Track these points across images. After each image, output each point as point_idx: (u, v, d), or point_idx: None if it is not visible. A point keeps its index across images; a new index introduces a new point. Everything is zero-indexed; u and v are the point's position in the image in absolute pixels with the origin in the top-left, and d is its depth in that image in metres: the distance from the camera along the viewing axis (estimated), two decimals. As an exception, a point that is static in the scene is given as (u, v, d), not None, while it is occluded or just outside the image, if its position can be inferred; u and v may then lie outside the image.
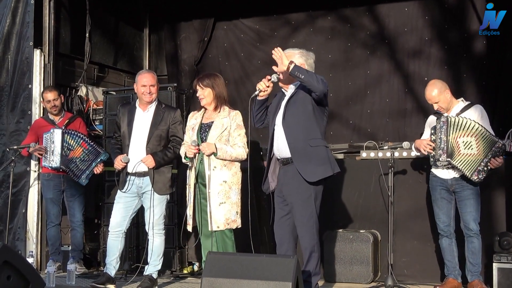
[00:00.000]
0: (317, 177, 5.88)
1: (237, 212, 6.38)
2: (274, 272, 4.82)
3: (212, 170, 6.32)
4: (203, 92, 6.47)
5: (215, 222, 6.30)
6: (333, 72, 9.49)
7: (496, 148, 6.44)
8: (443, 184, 6.66)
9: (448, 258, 6.72)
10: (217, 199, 6.31)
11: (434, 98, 6.61)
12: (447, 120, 6.51)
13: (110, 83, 9.85)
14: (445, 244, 6.71)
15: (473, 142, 6.42)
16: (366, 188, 7.64)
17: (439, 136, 6.53)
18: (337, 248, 7.34)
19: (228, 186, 6.34)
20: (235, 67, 10.02)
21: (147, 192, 6.73)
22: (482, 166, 6.42)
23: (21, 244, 8.15)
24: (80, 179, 7.86)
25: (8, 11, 8.36)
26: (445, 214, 6.68)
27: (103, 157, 7.88)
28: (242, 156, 6.38)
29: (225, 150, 6.31)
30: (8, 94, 8.39)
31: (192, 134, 6.49)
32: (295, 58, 5.98)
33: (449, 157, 6.47)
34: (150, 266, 6.82)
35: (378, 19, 9.31)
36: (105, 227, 8.34)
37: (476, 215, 6.54)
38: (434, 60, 8.94)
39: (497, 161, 6.46)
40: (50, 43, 8.47)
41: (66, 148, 7.81)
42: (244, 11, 10.03)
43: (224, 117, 6.43)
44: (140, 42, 10.73)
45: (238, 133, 6.42)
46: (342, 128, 9.42)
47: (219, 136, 6.37)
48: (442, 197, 6.67)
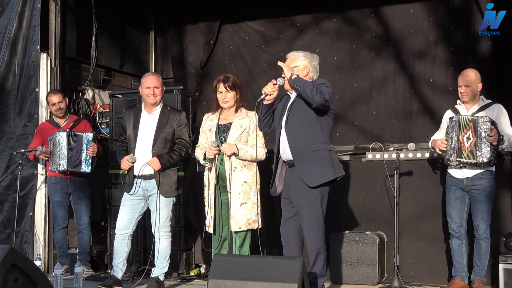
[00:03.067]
0: (317, 182, 5.90)
1: (258, 212, 6.42)
2: (280, 274, 4.82)
3: (232, 170, 6.35)
4: (228, 94, 6.50)
5: (237, 222, 6.35)
6: (338, 74, 9.49)
7: (481, 123, 6.39)
8: (458, 184, 6.65)
9: (457, 259, 6.72)
10: (238, 199, 6.35)
11: (470, 81, 6.60)
12: (458, 120, 6.52)
13: (116, 86, 9.88)
14: (455, 245, 6.71)
15: (470, 134, 6.44)
16: (372, 189, 7.64)
17: (450, 136, 6.54)
18: (343, 249, 7.35)
19: (248, 186, 6.39)
20: (240, 69, 10.03)
21: (153, 195, 6.74)
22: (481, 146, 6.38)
23: (28, 247, 8.18)
24: (81, 169, 7.87)
25: (15, 15, 8.39)
26: (457, 215, 6.67)
27: (88, 137, 7.89)
28: (262, 156, 6.42)
29: (246, 150, 6.35)
30: (15, 98, 8.41)
31: (210, 136, 6.52)
32: (299, 61, 6.05)
33: (458, 157, 6.48)
34: (157, 269, 6.83)
35: (383, 21, 9.32)
36: (112, 230, 8.36)
37: (487, 219, 6.57)
38: (439, 61, 8.93)
39: (491, 134, 6.35)
40: (56, 47, 8.51)
41: (71, 150, 7.83)
42: (250, 14, 10.04)
43: (242, 118, 6.47)
44: (146, 45, 10.75)
45: (257, 134, 6.45)
46: (347, 129, 9.42)
47: (238, 136, 6.41)
48: (456, 197, 6.66)
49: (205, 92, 10.22)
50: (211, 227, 6.48)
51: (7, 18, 8.48)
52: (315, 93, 5.75)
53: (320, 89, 5.81)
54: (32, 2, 8.34)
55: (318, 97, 5.76)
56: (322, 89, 5.83)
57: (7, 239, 8.14)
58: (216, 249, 6.50)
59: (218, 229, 6.48)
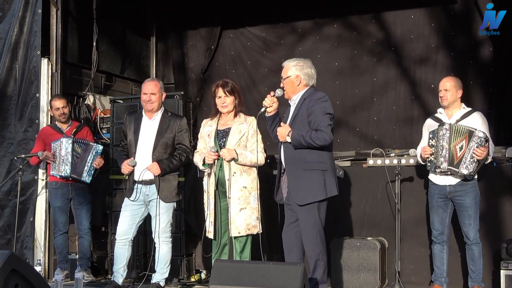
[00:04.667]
0: (305, 201, 5.90)
1: (257, 217, 6.41)
2: (281, 280, 4.81)
3: (232, 175, 6.34)
4: (226, 99, 6.50)
5: (236, 228, 6.33)
6: (339, 80, 9.50)
7: (476, 138, 6.44)
8: (440, 191, 6.70)
9: (437, 265, 6.78)
10: (238, 204, 6.34)
11: (449, 86, 6.68)
12: (450, 128, 6.54)
13: (117, 92, 9.89)
14: (436, 250, 6.79)
15: (463, 144, 6.47)
16: (373, 195, 7.62)
17: (441, 144, 6.57)
18: (344, 255, 7.33)
19: (248, 191, 6.38)
20: (241, 75, 10.04)
21: (153, 200, 6.74)
22: (467, 158, 6.43)
23: (29, 253, 8.16)
24: (82, 177, 7.87)
25: (16, 20, 8.39)
26: (439, 222, 6.75)
27: (97, 149, 7.91)
28: (261, 161, 6.39)
29: (245, 155, 6.35)
30: (16, 103, 8.41)
31: (209, 141, 6.52)
32: (290, 71, 6.07)
33: (450, 165, 6.52)
34: (157, 274, 6.83)
35: (385, 27, 9.32)
36: (113, 235, 8.34)
37: (474, 224, 6.60)
38: (440, 67, 8.94)
39: (480, 150, 6.42)
40: (57, 52, 8.51)
41: (75, 157, 7.82)
42: (251, 19, 10.06)
43: (241, 123, 6.47)
44: (147, 51, 10.77)
45: (256, 139, 6.45)
46: (349, 135, 9.43)
47: (237, 142, 6.40)
48: (438, 206, 6.74)
49: (206, 98, 10.23)
50: (211, 232, 6.47)
51: (8, 23, 8.48)
52: (316, 140, 5.76)
53: (317, 126, 5.81)
54: (33, 7, 8.35)
55: (321, 141, 5.78)
56: (318, 120, 5.83)
57: (7, 245, 8.13)
58: (216, 254, 6.49)
59: (218, 235, 6.46)
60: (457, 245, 7.08)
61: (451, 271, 6.93)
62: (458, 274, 7.10)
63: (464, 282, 6.97)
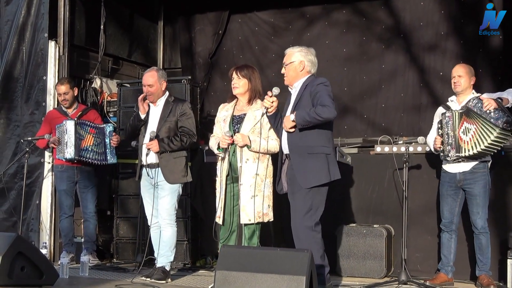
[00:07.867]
0: (310, 184, 5.92)
1: (269, 205, 6.37)
2: (288, 266, 4.80)
3: (244, 162, 6.31)
4: (239, 82, 6.46)
5: (247, 215, 6.29)
6: (348, 66, 9.46)
7: (472, 106, 6.47)
8: (451, 180, 6.68)
9: (444, 253, 6.78)
10: (249, 192, 6.29)
11: (462, 72, 6.67)
12: (452, 115, 6.54)
13: (124, 75, 9.86)
14: (444, 239, 6.78)
15: (469, 126, 6.44)
16: (380, 182, 7.60)
17: (446, 132, 6.58)
18: (350, 242, 7.31)
19: (260, 179, 6.32)
20: (249, 60, 9.97)
21: (159, 182, 6.81)
22: (493, 116, 6.39)
23: (34, 235, 8.17)
24: (107, 161, 7.91)
25: (23, 2, 8.36)
26: (448, 211, 6.74)
27: (110, 128, 7.96)
28: (275, 148, 6.35)
29: (259, 142, 6.28)
30: (22, 86, 8.39)
31: (224, 126, 6.49)
32: (294, 56, 6.13)
33: (458, 152, 6.50)
34: (162, 258, 6.82)
35: (394, 13, 9.27)
36: (118, 219, 8.38)
37: (482, 213, 6.57)
38: (449, 54, 8.89)
39: (486, 102, 6.40)
40: (65, 35, 8.46)
41: (78, 139, 7.80)
42: (259, 4, 10.00)
43: (257, 110, 6.42)
44: (155, 35, 10.73)
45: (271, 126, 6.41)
46: (356, 122, 9.39)
47: (252, 128, 6.36)
48: (448, 194, 6.72)
49: (213, 82, 10.20)
50: (220, 218, 6.45)
51: (15, 5, 8.46)
52: (322, 113, 5.79)
53: (321, 102, 5.83)
54: (41, -11, 8.31)
55: (326, 114, 5.80)
56: (322, 98, 5.85)
57: (13, 227, 8.15)
58: (224, 240, 6.46)
59: (228, 221, 6.45)
60: (465, 235, 7.05)
61: (458, 260, 6.90)
62: (465, 263, 7.08)
63: (472, 271, 6.95)
